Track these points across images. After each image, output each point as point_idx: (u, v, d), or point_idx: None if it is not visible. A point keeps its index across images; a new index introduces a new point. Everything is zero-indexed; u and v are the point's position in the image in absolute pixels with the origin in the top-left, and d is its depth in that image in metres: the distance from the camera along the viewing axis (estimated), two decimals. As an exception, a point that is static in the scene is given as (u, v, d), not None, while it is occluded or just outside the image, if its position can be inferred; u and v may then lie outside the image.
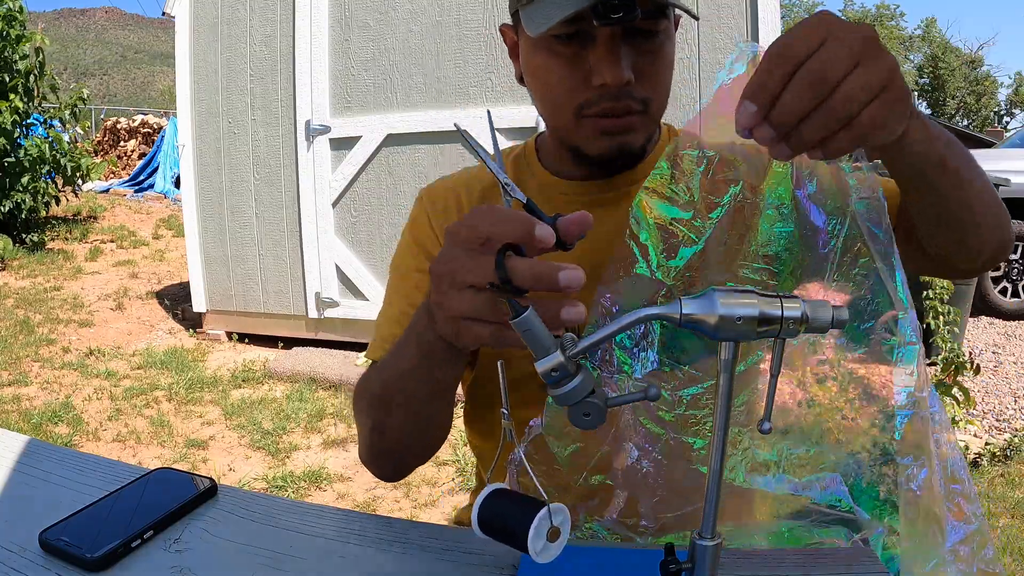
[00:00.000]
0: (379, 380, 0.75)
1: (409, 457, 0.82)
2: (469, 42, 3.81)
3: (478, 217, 0.52)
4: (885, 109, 0.50)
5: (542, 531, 0.55)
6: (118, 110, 17.77)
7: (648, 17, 0.72)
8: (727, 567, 0.64)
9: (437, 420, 0.77)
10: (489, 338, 0.54)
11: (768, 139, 0.51)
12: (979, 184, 0.69)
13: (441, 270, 0.54)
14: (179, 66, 4.40)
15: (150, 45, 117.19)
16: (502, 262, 0.50)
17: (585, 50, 0.75)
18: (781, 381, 0.52)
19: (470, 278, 0.52)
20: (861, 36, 0.49)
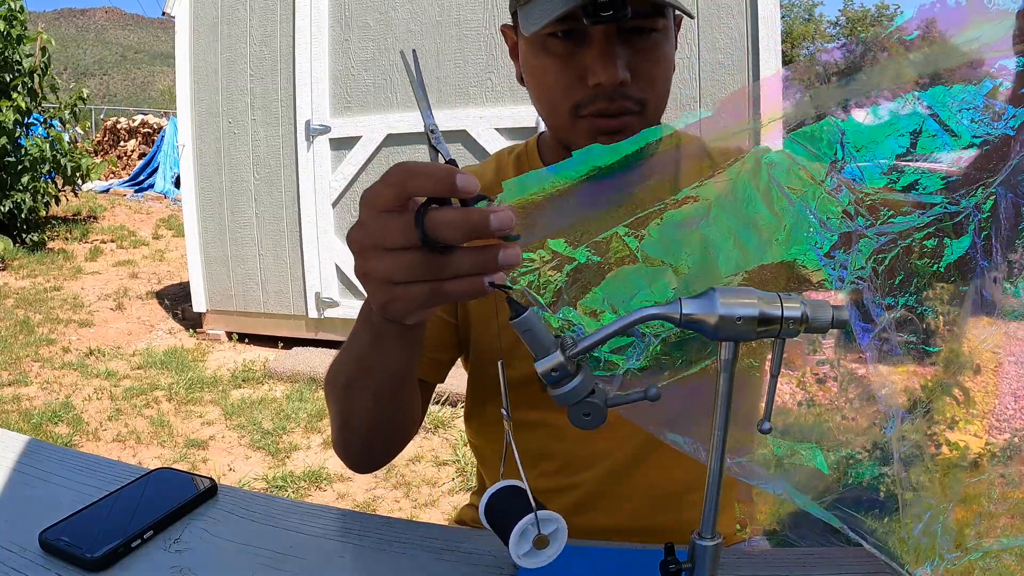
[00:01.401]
0: (341, 369, 0.73)
1: (377, 444, 0.79)
2: (469, 42, 3.81)
3: (393, 175, 0.49)
4: None
5: (528, 536, 0.56)
6: (118, 110, 17.77)
7: (644, 16, 0.72)
8: (727, 567, 0.64)
9: (400, 405, 0.74)
10: (426, 298, 0.50)
11: None
12: None
13: (359, 236, 0.51)
14: (179, 66, 4.40)
15: (150, 45, 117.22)
16: (422, 218, 0.47)
17: (581, 49, 0.74)
18: (781, 381, 0.52)
19: (391, 239, 0.49)
20: None
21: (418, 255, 0.49)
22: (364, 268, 0.52)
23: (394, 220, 0.49)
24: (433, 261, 0.49)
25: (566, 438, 0.86)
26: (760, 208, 0.60)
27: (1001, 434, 0.79)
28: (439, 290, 0.50)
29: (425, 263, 0.49)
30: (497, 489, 0.61)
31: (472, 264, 0.49)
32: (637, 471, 0.87)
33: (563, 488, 0.88)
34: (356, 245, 0.52)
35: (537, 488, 0.63)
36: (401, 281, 0.50)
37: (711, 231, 0.60)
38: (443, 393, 3.57)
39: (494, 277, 0.49)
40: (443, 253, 0.48)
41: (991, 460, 0.78)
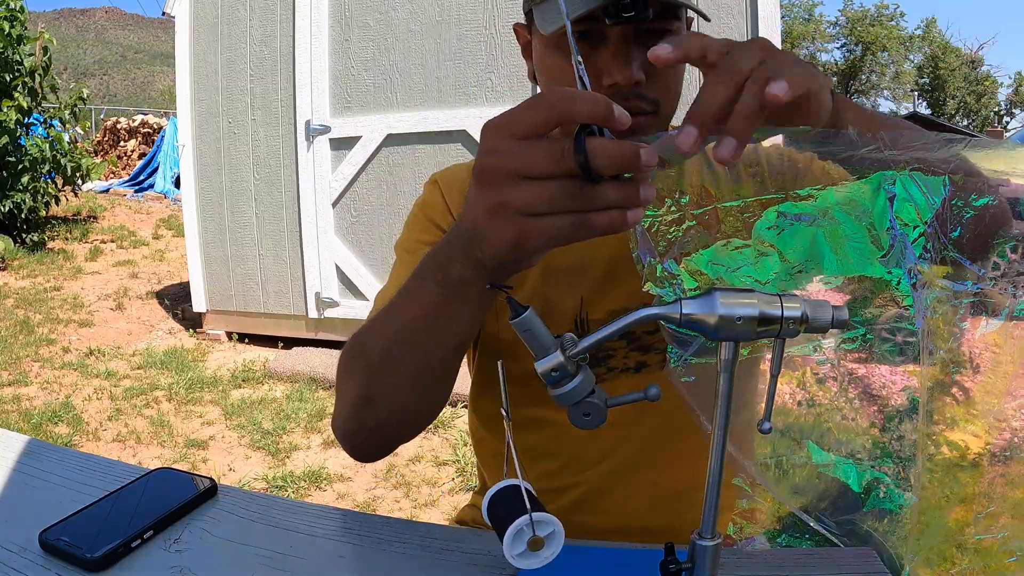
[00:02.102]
0: (377, 339, 0.68)
1: (403, 430, 0.74)
2: (469, 42, 3.81)
3: (547, 98, 0.47)
4: (799, 77, 0.50)
5: (523, 537, 0.56)
6: (118, 110, 17.77)
7: (659, 17, 0.73)
8: (727, 567, 0.64)
9: (442, 383, 0.68)
10: (568, 231, 0.48)
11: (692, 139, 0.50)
12: None
13: (493, 163, 0.48)
14: (179, 66, 4.40)
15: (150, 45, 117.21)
16: (583, 145, 0.45)
17: (596, 50, 0.75)
18: (781, 381, 0.52)
19: (536, 166, 0.46)
20: (759, 44, 0.52)
21: (567, 184, 0.46)
22: (498, 198, 0.48)
23: (538, 146, 0.47)
24: (582, 190, 0.46)
25: (569, 437, 0.86)
26: (871, 226, 0.62)
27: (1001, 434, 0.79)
28: (584, 222, 0.47)
29: (573, 192, 0.46)
30: (500, 488, 0.61)
31: (618, 196, 0.47)
32: (639, 471, 0.87)
33: (564, 487, 0.89)
34: (490, 174, 0.48)
35: (538, 488, 0.63)
36: (542, 212, 0.47)
37: (825, 232, 0.63)
38: (443, 393, 3.57)
39: (635, 213, 0.48)
40: (591, 184, 0.46)
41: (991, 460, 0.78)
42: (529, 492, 0.59)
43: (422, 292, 0.60)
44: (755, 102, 0.49)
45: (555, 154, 0.46)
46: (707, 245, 0.63)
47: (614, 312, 0.83)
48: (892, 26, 34.07)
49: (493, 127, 0.49)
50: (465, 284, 0.56)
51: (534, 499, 0.58)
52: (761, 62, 0.51)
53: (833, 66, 34.68)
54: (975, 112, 34.71)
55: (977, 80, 34.87)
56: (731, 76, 0.50)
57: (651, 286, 0.62)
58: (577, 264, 0.85)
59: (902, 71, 34.88)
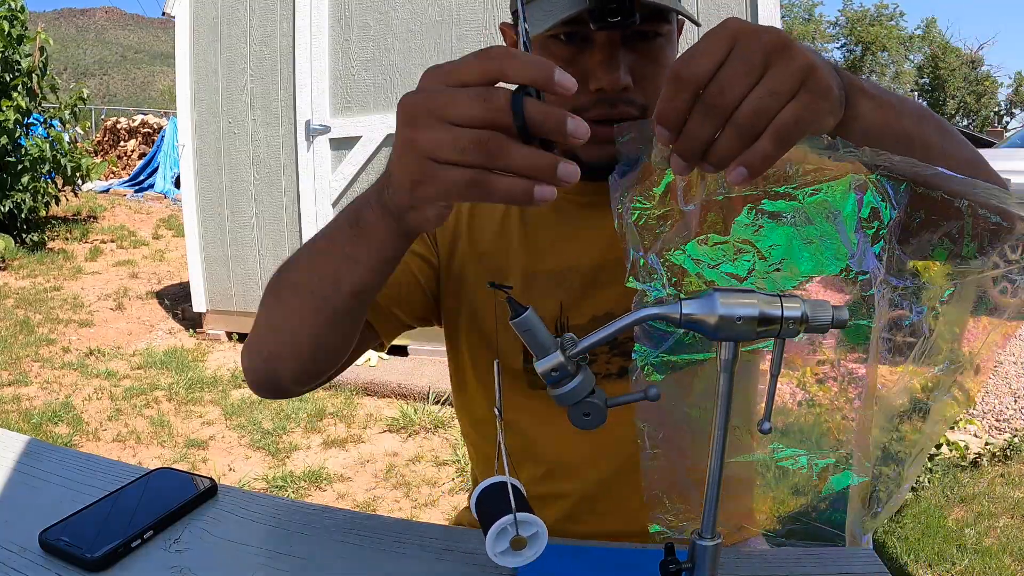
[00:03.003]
0: (295, 266, 0.67)
1: (294, 367, 0.71)
2: (469, 42, 3.81)
3: (489, 53, 0.45)
4: (803, 108, 0.48)
5: (506, 536, 0.57)
6: (118, 110, 17.77)
7: (648, 20, 0.71)
8: (727, 567, 0.64)
9: (338, 330, 0.67)
10: (465, 185, 0.45)
11: (682, 169, 0.49)
12: (959, 154, 0.64)
13: (415, 100, 0.46)
14: (179, 66, 4.40)
15: (150, 45, 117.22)
16: (521, 101, 0.43)
17: (583, 53, 0.73)
18: (781, 381, 0.52)
19: (456, 111, 0.45)
20: (767, 41, 0.47)
21: (480, 136, 0.44)
22: (410, 135, 0.47)
23: (465, 91, 0.45)
24: (495, 146, 0.44)
25: (548, 443, 0.86)
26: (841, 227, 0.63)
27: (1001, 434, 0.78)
28: (484, 180, 0.45)
29: (482, 144, 0.44)
30: (488, 484, 0.61)
31: (531, 164, 0.45)
32: (631, 474, 0.86)
33: (554, 495, 0.87)
34: (409, 109, 0.47)
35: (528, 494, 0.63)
36: (446, 160, 0.45)
37: (799, 231, 0.63)
38: (443, 393, 3.57)
39: (544, 190, 0.45)
40: (507, 143, 0.45)
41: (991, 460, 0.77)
42: (517, 490, 0.59)
43: (335, 231, 0.61)
44: (768, 156, 0.48)
45: (479, 99, 0.44)
46: (687, 240, 0.63)
47: (596, 318, 0.82)
48: (892, 26, 34.08)
49: (431, 71, 0.48)
50: (372, 227, 0.56)
51: (521, 498, 0.58)
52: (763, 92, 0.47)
53: (833, 66, 34.50)
54: (975, 112, 34.71)
55: (977, 80, 34.87)
56: (723, 112, 0.47)
57: (633, 280, 0.62)
58: (559, 269, 0.83)
59: (902, 71, 34.88)
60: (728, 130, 0.47)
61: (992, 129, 25.53)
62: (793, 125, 0.47)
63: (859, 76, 0.57)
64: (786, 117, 0.47)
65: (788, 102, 0.47)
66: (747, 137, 0.47)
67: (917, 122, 0.61)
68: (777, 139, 0.47)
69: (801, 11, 33.34)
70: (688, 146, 0.48)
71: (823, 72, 0.49)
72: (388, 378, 3.78)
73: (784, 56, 0.47)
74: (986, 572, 2.21)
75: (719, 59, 0.47)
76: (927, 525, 2.46)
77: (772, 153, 0.48)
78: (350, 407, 3.57)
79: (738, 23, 0.48)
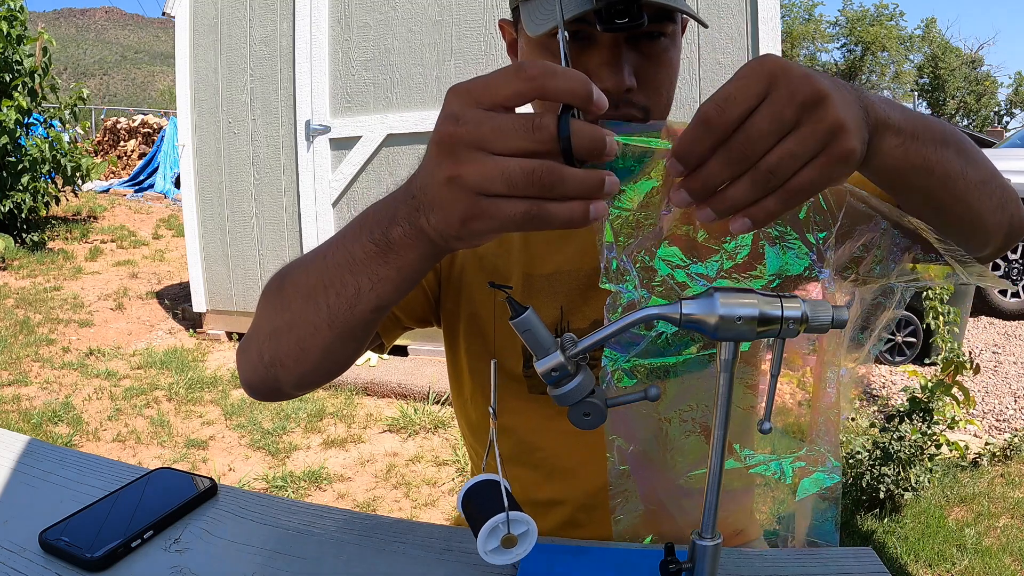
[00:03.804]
0: (303, 276, 0.63)
1: (295, 374, 0.68)
2: (469, 42, 3.81)
3: (528, 70, 0.43)
4: (819, 171, 0.46)
5: (497, 534, 0.57)
6: (118, 110, 17.77)
7: (654, 20, 0.70)
8: (727, 567, 0.64)
9: (350, 343, 0.64)
10: (521, 218, 0.44)
11: (683, 204, 0.48)
12: (976, 177, 0.63)
13: (455, 131, 0.44)
14: (179, 66, 4.40)
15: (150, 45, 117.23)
16: (567, 126, 0.42)
17: (586, 52, 0.71)
18: (781, 381, 0.52)
19: (505, 141, 0.43)
20: (805, 94, 0.45)
21: (530, 165, 0.42)
22: (455, 170, 0.44)
23: (508, 119, 0.43)
24: (546, 176, 0.42)
25: (541, 447, 0.85)
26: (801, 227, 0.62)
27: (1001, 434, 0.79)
28: (542, 211, 0.43)
29: (535, 176, 0.42)
30: (476, 482, 0.62)
31: (584, 186, 0.43)
32: None
33: (551, 502, 0.86)
34: (448, 140, 0.44)
35: (521, 499, 0.63)
36: (496, 194, 0.43)
37: (768, 232, 0.62)
38: (443, 393, 3.57)
39: (598, 206, 0.44)
40: (557, 168, 0.43)
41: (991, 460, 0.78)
42: (506, 489, 0.59)
43: (355, 244, 0.56)
44: (774, 213, 0.47)
45: (525, 129, 0.43)
46: (659, 242, 0.63)
47: (597, 322, 0.82)
48: (892, 26, 34.08)
49: (461, 91, 0.45)
50: (402, 248, 0.52)
51: (510, 496, 0.58)
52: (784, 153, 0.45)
53: (833, 66, 34.68)
54: (975, 112, 34.72)
55: (977, 80, 34.88)
56: (746, 164, 0.46)
57: (606, 282, 0.61)
58: (558, 273, 0.83)
59: (902, 71, 34.88)
60: (744, 181, 0.46)
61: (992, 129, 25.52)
62: (806, 187, 0.47)
63: (887, 100, 0.55)
64: (801, 180, 0.46)
65: (807, 164, 0.46)
66: (760, 192, 0.46)
67: (940, 149, 0.59)
68: (786, 200, 0.47)
69: (801, 11, 33.34)
70: (699, 186, 0.47)
71: (850, 134, 0.47)
72: (388, 378, 3.78)
73: (816, 114, 0.45)
74: (986, 572, 2.21)
75: (751, 106, 0.45)
76: (927, 525, 2.46)
77: (778, 211, 0.47)
78: (350, 407, 3.57)
79: (776, 64, 0.45)
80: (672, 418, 0.69)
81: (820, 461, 0.67)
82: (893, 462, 2.46)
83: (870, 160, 0.53)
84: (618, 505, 0.69)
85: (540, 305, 0.83)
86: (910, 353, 4.17)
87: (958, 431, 2.85)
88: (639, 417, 0.68)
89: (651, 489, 0.71)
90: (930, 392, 2.52)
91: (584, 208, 0.44)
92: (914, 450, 2.45)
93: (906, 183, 0.59)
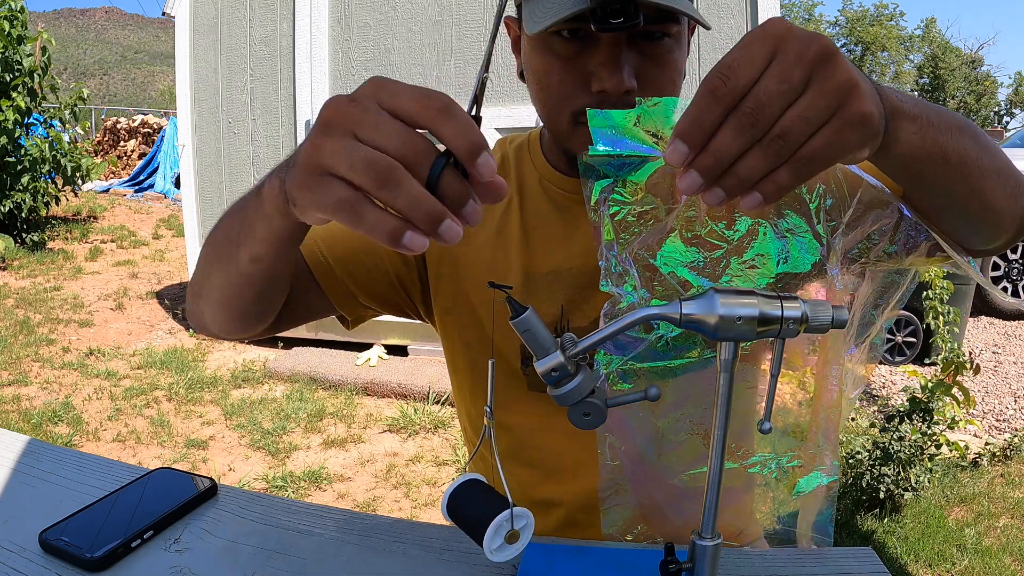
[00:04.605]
0: (215, 228, 0.68)
1: (218, 318, 0.73)
2: (469, 42, 3.81)
3: (435, 100, 0.43)
4: (833, 137, 0.44)
5: (502, 532, 0.57)
6: (118, 110, 17.77)
7: (656, 20, 0.68)
8: (727, 567, 0.64)
9: (245, 294, 0.68)
10: (339, 205, 0.43)
11: (695, 188, 0.45)
12: (992, 165, 0.61)
13: (344, 112, 0.44)
14: (179, 66, 4.40)
15: (150, 45, 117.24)
16: (440, 170, 0.42)
17: (586, 51, 0.70)
18: (781, 381, 0.52)
19: (374, 134, 0.42)
20: (812, 52, 0.43)
21: (377, 156, 0.42)
22: (320, 141, 0.44)
23: (392, 122, 0.43)
24: (386, 171, 0.41)
25: (537, 445, 0.85)
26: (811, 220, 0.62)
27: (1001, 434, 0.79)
28: (357, 207, 0.43)
29: (374, 168, 0.41)
30: (458, 485, 0.61)
31: (417, 208, 0.42)
32: None
33: (549, 502, 0.86)
34: (334, 116, 0.44)
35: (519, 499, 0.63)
36: (337, 175, 0.43)
37: (774, 228, 0.62)
38: (443, 393, 3.57)
39: (415, 239, 0.42)
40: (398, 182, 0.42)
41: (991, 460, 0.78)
42: (486, 483, 0.59)
43: (246, 197, 0.61)
44: (787, 186, 0.44)
45: (400, 136, 0.42)
46: (663, 239, 0.62)
47: (597, 320, 0.81)
48: (892, 26, 34.09)
49: (376, 83, 0.45)
50: (269, 201, 0.56)
51: (493, 490, 0.59)
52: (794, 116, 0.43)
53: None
54: (975, 112, 34.71)
55: (977, 80, 34.87)
56: (758, 130, 0.43)
57: (605, 284, 0.60)
58: (559, 271, 0.82)
59: (902, 71, 34.89)
60: (754, 152, 0.43)
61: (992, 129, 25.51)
62: (820, 155, 0.44)
63: (901, 91, 0.53)
64: (814, 147, 0.44)
65: (819, 129, 0.44)
66: (772, 162, 0.44)
67: (956, 137, 0.57)
68: (798, 170, 0.44)
69: (801, 11, 33.37)
70: (712, 162, 0.44)
71: (863, 95, 0.44)
72: (388, 378, 3.78)
73: (825, 72, 0.43)
74: (986, 572, 2.21)
75: (760, 69, 0.43)
76: (927, 525, 2.46)
77: (790, 184, 0.45)
78: (350, 407, 3.57)
79: (781, 26, 0.44)
80: (668, 420, 0.68)
81: (818, 460, 0.67)
82: (893, 462, 2.46)
83: (887, 148, 0.51)
84: (608, 498, 0.69)
85: (540, 303, 0.82)
86: (910, 353, 4.18)
87: (958, 431, 2.85)
88: (634, 419, 0.68)
89: (644, 487, 0.71)
90: (930, 392, 2.52)
91: (396, 229, 0.42)
92: (914, 450, 2.45)
93: (923, 173, 0.57)
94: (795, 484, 0.69)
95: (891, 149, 0.52)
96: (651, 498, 0.72)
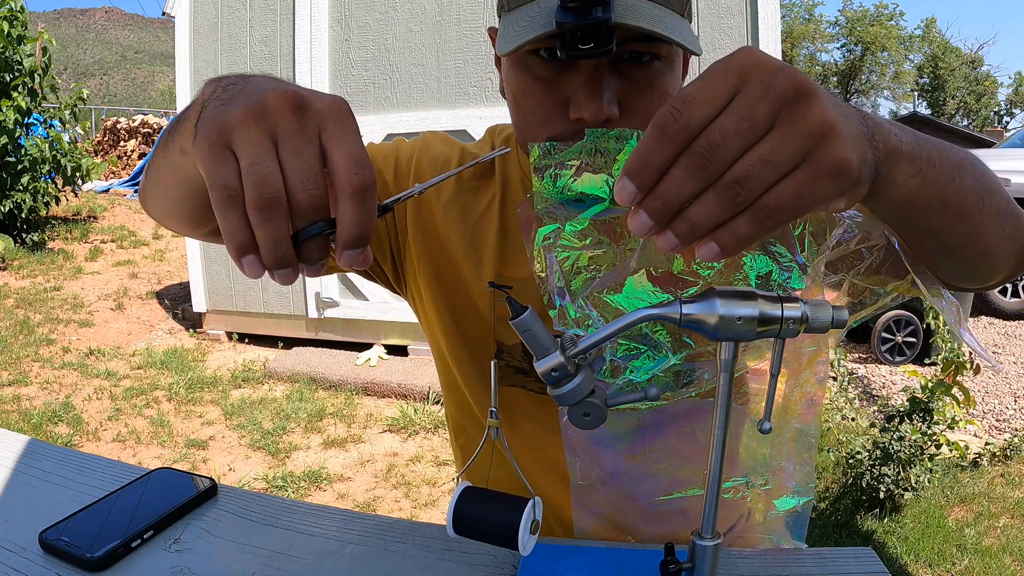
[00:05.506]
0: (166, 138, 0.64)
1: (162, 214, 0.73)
2: (469, 42, 3.81)
3: (361, 176, 0.41)
4: (803, 186, 0.38)
5: (528, 525, 0.57)
6: (118, 110, 17.77)
7: (640, 41, 0.62)
8: (727, 567, 0.64)
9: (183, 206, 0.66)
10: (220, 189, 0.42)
11: (645, 230, 0.40)
12: (992, 207, 0.57)
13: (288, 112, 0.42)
14: (179, 66, 4.41)
15: (150, 45, 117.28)
16: (315, 235, 0.42)
17: (565, 73, 0.64)
18: (781, 381, 0.52)
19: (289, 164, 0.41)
20: (780, 87, 0.38)
21: (271, 189, 0.40)
22: (247, 116, 0.42)
23: (314, 161, 0.41)
24: (265, 207, 0.40)
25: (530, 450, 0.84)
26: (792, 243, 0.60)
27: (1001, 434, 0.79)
28: (230, 201, 0.41)
29: (260, 195, 0.40)
30: (458, 498, 0.60)
31: (272, 240, 0.41)
32: None
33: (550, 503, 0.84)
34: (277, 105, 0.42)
35: None
36: (235, 159, 0.42)
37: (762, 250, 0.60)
38: (443, 393, 3.57)
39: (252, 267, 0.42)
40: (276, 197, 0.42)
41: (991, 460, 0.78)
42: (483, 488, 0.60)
43: (187, 107, 0.57)
44: (748, 237, 0.39)
45: (308, 178, 0.41)
46: (623, 279, 0.58)
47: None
48: (892, 26, 34.09)
49: (336, 112, 0.43)
50: (193, 109, 0.53)
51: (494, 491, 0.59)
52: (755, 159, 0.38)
53: (833, 66, 34.70)
54: (975, 112, 34.73)
55: (977, 80, 34.89)
56: (710, 174, 0.38)
57: (561, 327, 0.56)
58: (529, 279, 0.76)
59: (902, 71, 34.90)
60: (707, 197, 0.39)
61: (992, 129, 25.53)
62: (785, 205, 0.39)
63: (894, 122, 0.48)
64: (779, 196, 0.38)
65: (788, 175, 0.38)
66: (727, 210, 0.39)
67: (958, 178, 0.53)
68: (760, 221, 0.39)
69: (801, 11, 33.35)
70: (659, 204, 0.39)
71: (841, 139, 0.39)
72: (388, 378, 3.78)
73: (795, 112, 0.38)
74: (986, 572, 2.21)
75: (719, 104, 0.38)
76: (927, 525, 2.46)
77: (750, 236, 0.39)
78: (350, 407, 3.57)
79: (750, 57, 0.39)
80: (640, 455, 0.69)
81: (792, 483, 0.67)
82: (893, 462, 2.47)
83: (879, 193, 0.47)
84: (578, 512, 0.70)
85: None
86: (910, 353, 4.18)
87: (958, 431, 2.85)
88: (605, 450, 0.68)
89: (615, 504, 0.72)
90: (930, 392, 2.52)
91: (243, 247, 0.42)
92: (914, 450, 2.45)
93: (918, 219, 0.53)
94: (770, 507, 0.69)
95: (885, 194, 0.48)
96: (622, 512, 0.72)
